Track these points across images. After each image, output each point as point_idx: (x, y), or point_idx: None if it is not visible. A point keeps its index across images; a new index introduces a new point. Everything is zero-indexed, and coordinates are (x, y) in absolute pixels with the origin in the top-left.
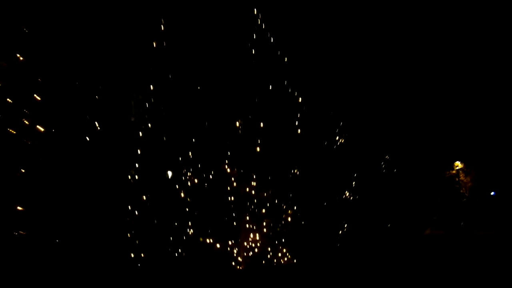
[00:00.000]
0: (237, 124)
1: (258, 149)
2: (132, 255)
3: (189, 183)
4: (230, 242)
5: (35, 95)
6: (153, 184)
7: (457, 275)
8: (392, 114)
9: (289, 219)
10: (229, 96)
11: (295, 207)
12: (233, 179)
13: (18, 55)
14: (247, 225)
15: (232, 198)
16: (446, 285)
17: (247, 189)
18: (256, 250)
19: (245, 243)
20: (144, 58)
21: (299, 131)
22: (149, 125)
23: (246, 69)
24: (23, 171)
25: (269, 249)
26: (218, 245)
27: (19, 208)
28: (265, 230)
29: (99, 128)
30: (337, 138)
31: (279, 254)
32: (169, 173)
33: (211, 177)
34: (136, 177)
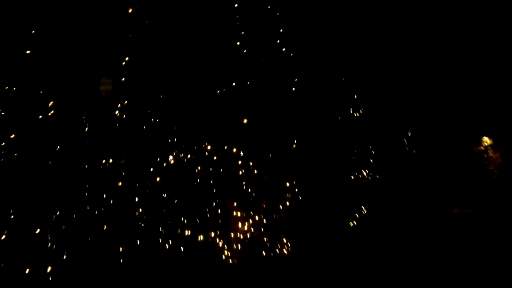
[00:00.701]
0: (218, 91)
1: (245, 120)
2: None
3: (164, 164)
4: (217, 233)
5: None
6: (125, 167)
7: (486, 256)
8: (417, 85)
9: (288, 203)
10: (207, 58)
11: (296, 189)
12: (215, 158)
13: None
14: (237, 213)
15: (216, 181)
16: (476, 267)
17: (235, 170)
18: (250, 241)
19: (236, 234)
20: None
21: (300, 95)
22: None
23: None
24: None
25: (265, 239)
26: (201, 237)
27: None
28: (257, 217)
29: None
30: (351, 109)
31: (278, 245)
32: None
33: (189, 156)
34: (110, 160)
